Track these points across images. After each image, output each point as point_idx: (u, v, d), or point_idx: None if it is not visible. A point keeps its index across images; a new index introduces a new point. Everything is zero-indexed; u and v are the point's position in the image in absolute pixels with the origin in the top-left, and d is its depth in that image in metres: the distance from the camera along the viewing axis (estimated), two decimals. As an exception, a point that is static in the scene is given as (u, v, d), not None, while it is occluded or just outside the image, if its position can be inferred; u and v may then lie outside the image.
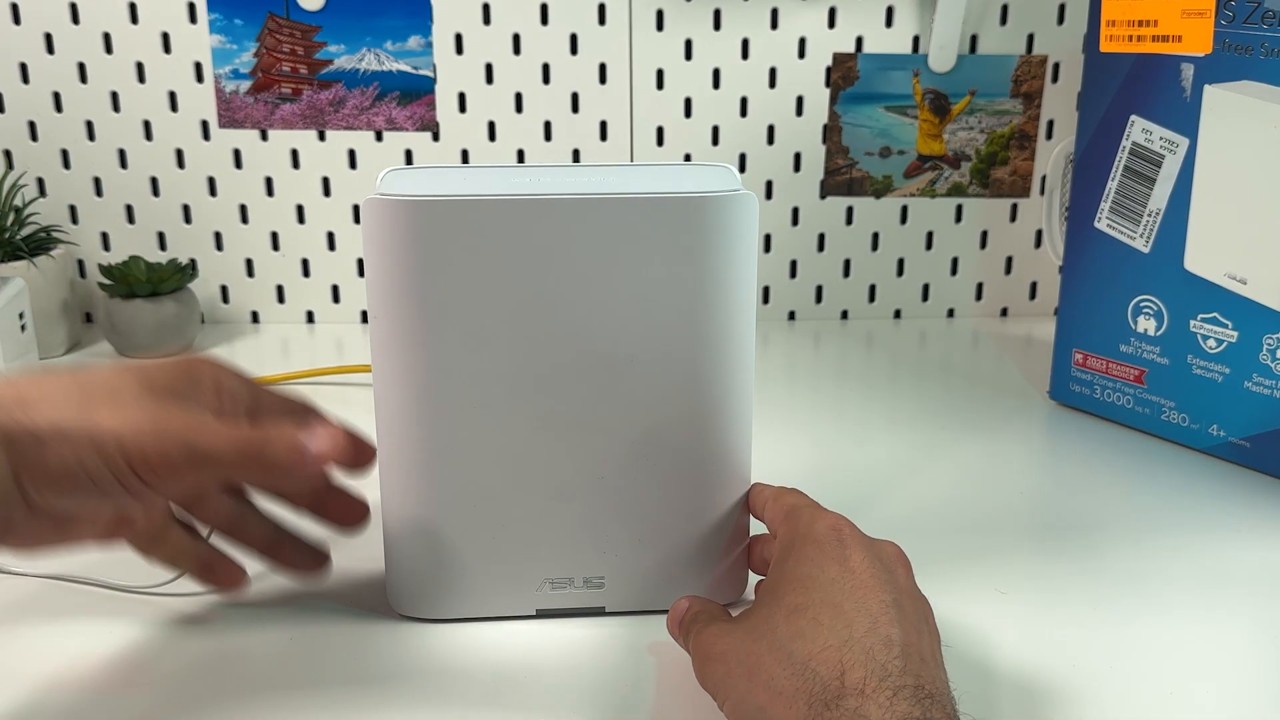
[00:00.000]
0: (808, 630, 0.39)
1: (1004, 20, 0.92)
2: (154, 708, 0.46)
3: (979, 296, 0.99)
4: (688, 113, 0.93)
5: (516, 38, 0.91)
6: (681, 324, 0.48)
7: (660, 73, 0.92)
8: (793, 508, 0.47)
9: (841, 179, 0.96)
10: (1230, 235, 0.66)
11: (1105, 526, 0.61)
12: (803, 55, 0.92)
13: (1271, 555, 0.58)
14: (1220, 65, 0.64)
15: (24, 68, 0.91)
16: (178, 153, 0.93)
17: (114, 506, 0.45)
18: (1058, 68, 0.93)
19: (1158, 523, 0.62)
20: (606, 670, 0.48)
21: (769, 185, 0.95)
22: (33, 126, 0.92)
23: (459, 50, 0.91)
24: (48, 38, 0.90)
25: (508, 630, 0.51)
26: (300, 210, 0.95)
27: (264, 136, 0.93)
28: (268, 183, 0.94)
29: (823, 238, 0.97)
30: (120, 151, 0.93)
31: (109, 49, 0.90)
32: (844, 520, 0.45)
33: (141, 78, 0.91)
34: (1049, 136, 0.95)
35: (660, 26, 0.91)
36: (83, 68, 0.91)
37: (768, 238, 0.97)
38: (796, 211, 0.96)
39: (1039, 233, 0.97)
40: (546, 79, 0.92)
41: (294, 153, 0.93)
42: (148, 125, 0.92)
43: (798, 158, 0.95)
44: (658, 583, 0.52)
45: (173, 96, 0.92)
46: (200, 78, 0.91)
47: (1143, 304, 0.71)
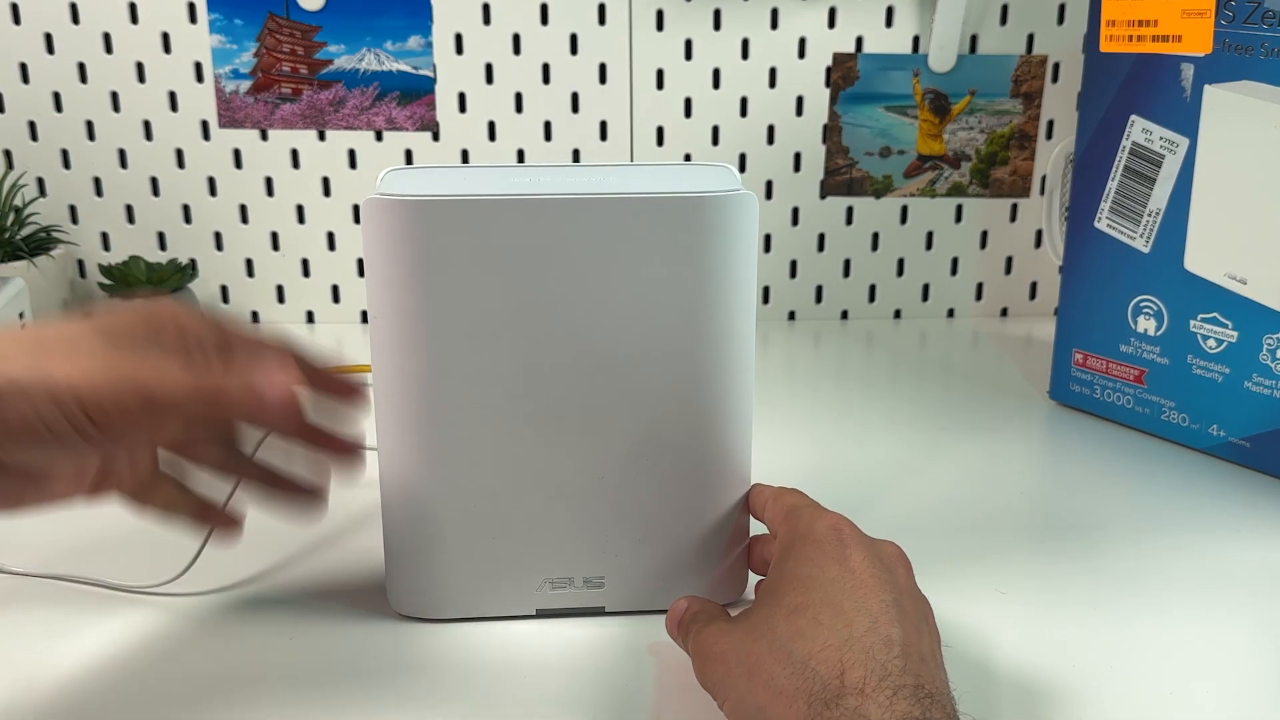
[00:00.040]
0: (808, 630, 0.39)
1: (1004, 20, 0.92)
2: (154, 707, 0.46)
3: (979, 296, 0.99)
4: (688, 113, 0.93)
5: (516, 38, 0.91)
6: (681, 324, 0.48)
7: (660, 73, 0.92)
8: (793, 508, 0.47)
9: (841, 179, 0.96)
10: (1230, 235, 0.66)
11: (1105, 526, 0.61)
12: (803, 55, 0.92)
13: (1271, 555, 0.58)
14: (1220, 65, 0.64)
15: (24, 68, 0.91)
16: (178, 153, 0.93)
17: (83, 459, 0.44)
18: (1058, 68, 0.93)
19: (1158, 523, 0.62)
20: (606, 670, 0.48)
21: (769, 185, 0.95)
22: (33, 126, 0.92)
23: (459, 50, 0.91)
24: (48, 38, 0.90)
25: (508, 630, 0.51)
26: (300, 210, 0.95)
27: (264, 136, 0.93)
28: (268, 183, 0.94)
29: (823, 238, 0.97)
30: (120, 151, 0.93)
31: (109, 49, 0.90)
32: (844, 520, 0.45)
33: (141, 78, 0.91)
34: (1049, 136, 0.95)
35: (660, 26, 0.91)
36: (83, 68, 0.91)
37: (768, 238, 0.97)
38: (796, 211, 0.96)
39: (1039, 233, 0.97)
40: (546, 79, 0.92)
41: (294, 153, 0.93)
42: (148, 125, 0.92)
43: (798, 158, 0.95)
44: (658, 583, 0.52)
45: (173, 96, 0.92)
46: (200, 78, 0.91)
47: (1143, 304, 0.71)
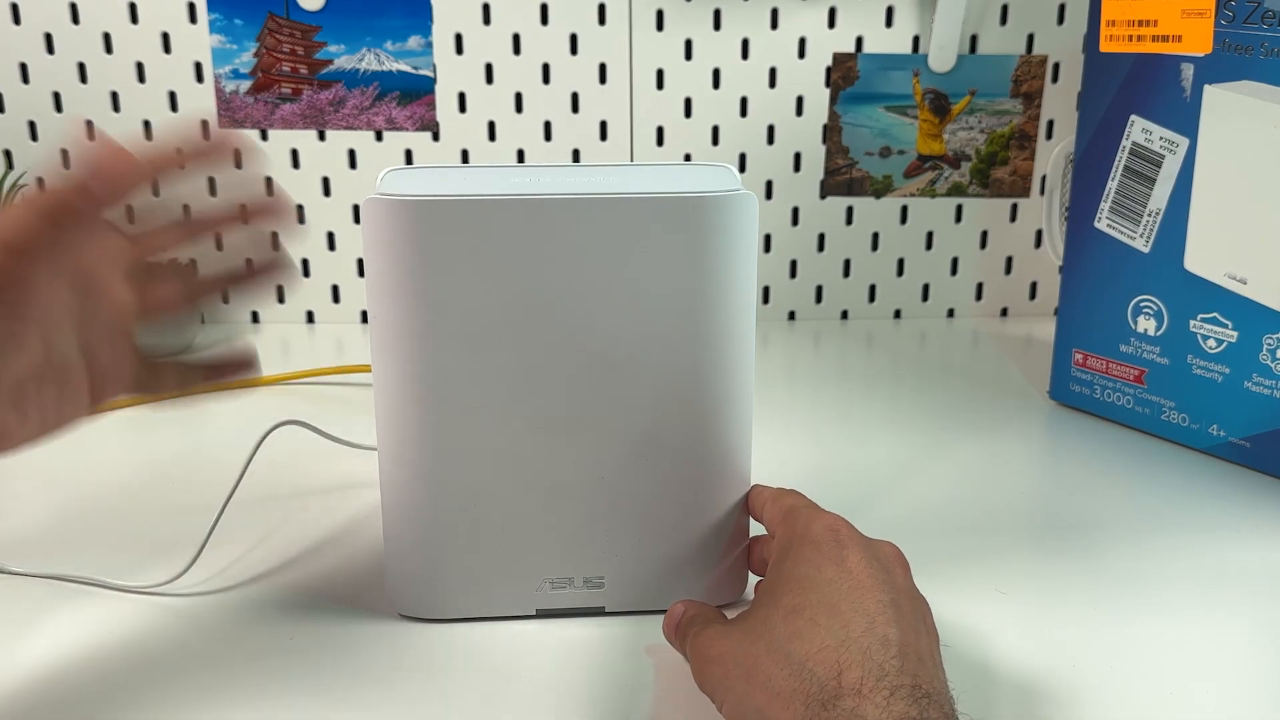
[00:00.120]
0: (805, 631, 0.39)
1: (1004, 20, 0.92)
2: (154, 707, 0.46)
3: (979, 296, 0.99)
4: (688, 113, 0.93)
5: (516, 38, 0.91)
6: (681, 324, 0.48)
7: (660, 73, 0.92)
8: (791, 509, 0.47)
9: (841, 179, 0.96)
10: (1230, 235, 0.66)
11: (1105, 526, 0.61)
12: (803, 55, 0.92)
13: (1271, 555, 0.58)
14: (1220, 65, 0.64)
15: (24, 68, 0.91)
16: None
17: (21, 343, 0.43)
18: (1058, 68, 0.93)
19: (1158, 523, 0.62)
20: (606, 670, 0.48)
21: (769, 185, 0.95)
22: (33, 126, 0.92)
23: (459, 50, 0.91)
24: (48, 38, 0.90)
25: (508, 630, 0.51)
26: (300, 210, 0.95)
27: (264, 136, 0.93)
28: (267, 183, 0.94)
29: (823, 238, 0.97)
30: (120, 151, 0.93)
31: (109, 49, 0.90)
32: (841, 521, 0.45)
33: (141, 78, 0.91)
34: (1049, 136, 0.95)
35: (660, 26, 0.91)
36: (83, 68, 0.91)
37: (768, 238, 0.97)
38: (796, 211, 0.96)
39: (1039, 233, 0.97)
40: (546, 79, 0.92)
41: (294, 153, 0.93)
42: (148, 125, 0.92)
43: (798, 158, 0.95)
44: (658, 583, 0.52)
45: (173, 96, 0.92)
46: (200, 78, 0.91)
47: (1143, 304, 0.71)
